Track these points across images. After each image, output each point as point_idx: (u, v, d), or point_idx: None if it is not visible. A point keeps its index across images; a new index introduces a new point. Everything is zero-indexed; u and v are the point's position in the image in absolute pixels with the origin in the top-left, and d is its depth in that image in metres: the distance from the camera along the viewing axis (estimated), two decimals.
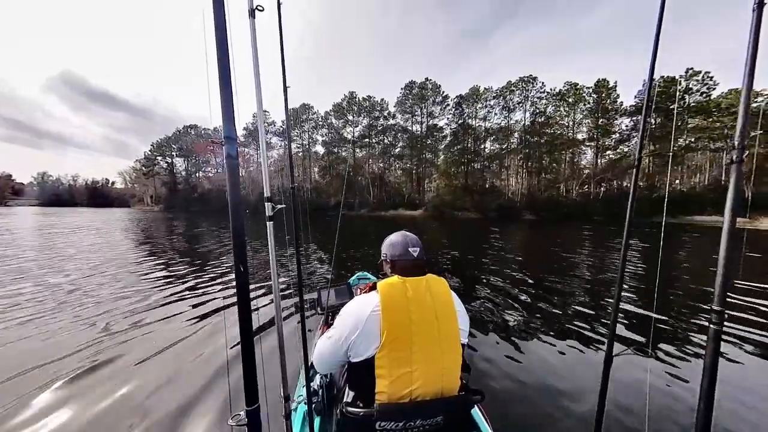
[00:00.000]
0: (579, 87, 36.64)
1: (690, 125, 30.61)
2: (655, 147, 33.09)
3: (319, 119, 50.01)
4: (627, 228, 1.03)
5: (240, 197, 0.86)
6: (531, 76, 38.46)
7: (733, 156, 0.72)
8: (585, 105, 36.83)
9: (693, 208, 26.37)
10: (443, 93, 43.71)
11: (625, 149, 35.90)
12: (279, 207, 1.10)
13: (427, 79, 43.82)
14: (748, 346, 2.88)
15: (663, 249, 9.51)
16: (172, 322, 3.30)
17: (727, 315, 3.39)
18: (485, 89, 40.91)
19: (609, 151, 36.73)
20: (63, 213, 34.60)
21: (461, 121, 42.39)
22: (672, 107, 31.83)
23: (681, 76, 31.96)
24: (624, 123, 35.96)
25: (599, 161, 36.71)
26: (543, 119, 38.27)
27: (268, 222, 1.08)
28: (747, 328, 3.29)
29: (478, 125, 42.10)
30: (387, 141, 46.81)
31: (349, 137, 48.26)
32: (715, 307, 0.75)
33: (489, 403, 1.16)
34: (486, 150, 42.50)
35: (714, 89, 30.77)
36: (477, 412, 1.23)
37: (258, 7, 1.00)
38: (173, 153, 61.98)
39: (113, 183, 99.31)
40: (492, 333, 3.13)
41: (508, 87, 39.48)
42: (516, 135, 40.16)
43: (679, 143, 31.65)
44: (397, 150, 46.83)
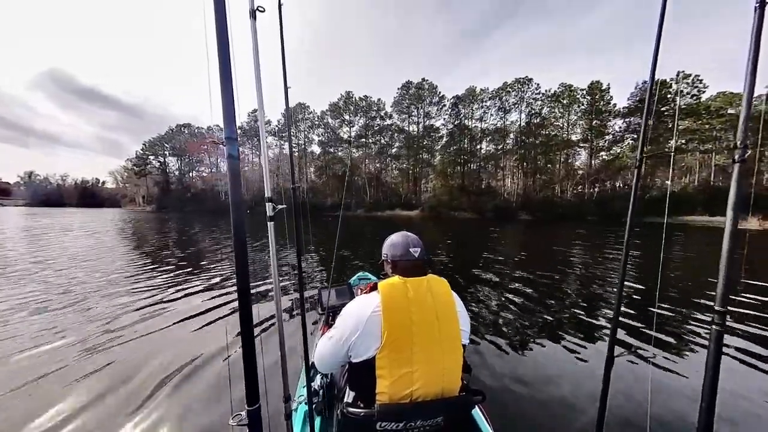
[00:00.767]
0: (573, 89, 37.12)
1: (681, 127, 31.19)
2: (649, 148, 33.44)
3: (316, 119, 49.71)
4: (628, 228, 1.01)
5: (241, 197, 0.86)
6: (526, 77, 38.85)
7: (735, 156, 0.72)
8: (579, 106, 37.34)
9: (684, 208, 26.90)
10: (440, 93, 43.88)
11: (618, 150, 36.51)
12: (280, 207, 1.09)
13: (424, 80, 43.92)
14: (750, 346, 2.89)
15: (657, 248, 9.63)
16: (173, 322, 3.30)
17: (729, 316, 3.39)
18: (481, 90, 41.19)
19: (602, 152, 37.28)
20: (50, 213, 33.71)
21: (458, 122, 42.59)
22: (664, 109, 32.48)
23: (672, 78, 32.61)
24: (617, 124, 36.59)
25: (593, 162, 37.22)
26: (538, 120, 38.68)
27: (268, 222, 1.07)
28: (749, 327, 3.30)
29: (474, 126, 42.35)
30: (384, 141, 46.75)
31: (346, 137, 48.11)
32: (717, 308, 0.74)
33: (490, 404, 1.16)
34: (482, 150, 42.77)
35: (704, 92, 31.49)
36: (478, 412, 1.23)
37: (259, 8, 1.00)
38: (166, 152, 60.96)
39: (104, 183, 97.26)
40: (493, 333, 3.12)
41: (504, 88, 39.80)
42: (512, 136, 40.51)
43: (670, 145, 32.28)
44: (394, 150, 46.81)
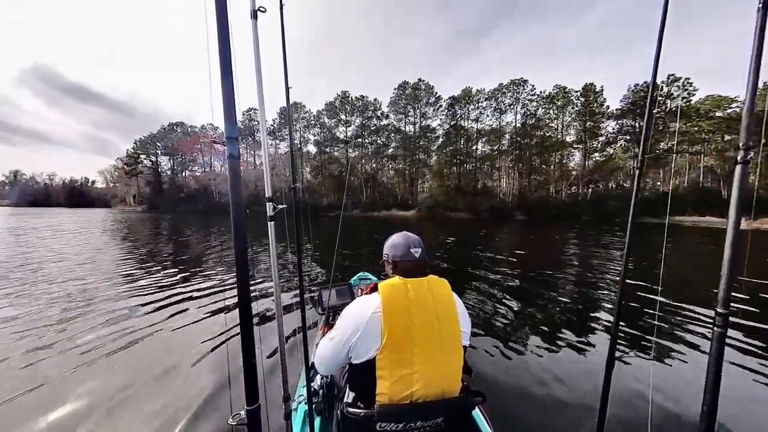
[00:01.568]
0: (567, 90, 37.58)
1: (672, 129, 31.82)
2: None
3: (312, 118, 49.33)
4: (630, 229, 1.01)
5: (241, 197, 0.85)
6: (522, 78, 39.17)
7: (738, 156, 0.71)
8: (573, 108, 37.81)
9: (674, 208, 27.42)
10: (436, 94, 43.95)
11: (611, 151, 37.11)
12: (280, 207, 1.09)
13: (420, 80, 43.94)
14: (753, 347, 2.89)
15: (652, 248, 9.73)
16: (173, 322, 3.30)
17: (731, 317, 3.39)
18: (477, 91, 41.40)
19: (596, 153, 37.82)
20: (36, 214, 32.68)
21: (454, 122, 42.73)
22: (655, 111, 33.08)
23: (663, 81, 33.26)
24: (610, 126, 37.17)
25: (587, 163, 37.73)
26: (533, 121, 39.04)
27: (269, 222, 1.07)
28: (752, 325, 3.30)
29: (470, 126, 42.54)
30: (380, 141, 46.64)
31: (342, 137, 47.85)
32: (719, 309, 0.74)
33: (490, 405, 1.17)
34: (478, 151, 42.99)
35: (693, 95, 32.20)
36: (478, 413, 1.23)
37: (260, 8, 1.00)
38: (158, 151, 59.76)
39: (93, 182, 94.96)
40: (493, 334, 3.11)
41: (499, 89, 40.07)
42: (507, 136, 40.82)
43: (662, 146, 32.94)
44: (390, 150, 46.75)
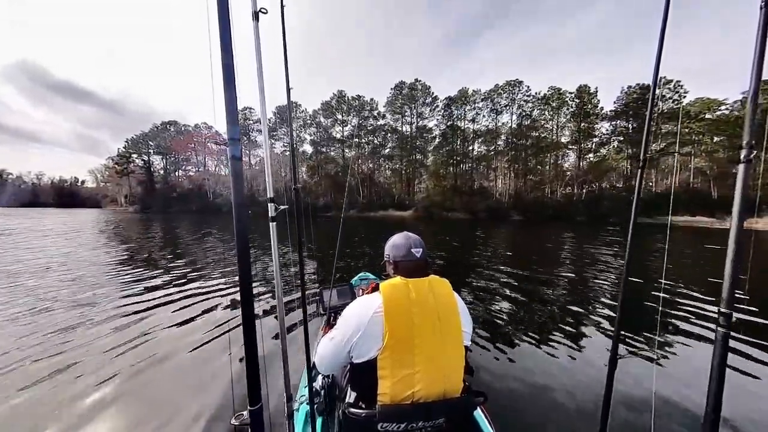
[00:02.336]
0: (562, 92, 38.00)
1: (663, 131, 32.38)
2: (634, 151, 34.85)
3: (308, 118, 48.88)
4: (631, 229, 1.01)
5: (244, 198, 0.85)
6: (517, 79, 39.52)
7: (741, 155, 0.71)
8: (568, 109, 38.25)
9: (667, 208, 27.88)
10: (433, 94, 44.02)
11: (605, 152, 37.65)
12: (282, 208, 1.09)
13: (417, 80, 43.97)
14: (757, 347, 2.84)
15: (647, 247, 9.76)
16: (175, 323, 3.28)
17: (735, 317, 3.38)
18: (474, 91, 41.58)
19: (590, 154, 38.30)
20: (13, 214, 31.59)
21: (450, 123, 42.84)
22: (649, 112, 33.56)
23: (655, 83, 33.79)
24: (604, 127, 37.69)
25: (581, 163, 38.18)
26: (529, 122, 39.38)
27: (270, 223, 1.07)
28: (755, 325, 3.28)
29: (466, 127, 42.70)
30: (377, 141, 46.48)
31: (338, 136, 47.53)
32: (723, 309, 0.74)
33: (492, 405, 1.14)
34: (474, 151, 43.17)
35: (684, 97, 32.83)
36: (480, 414, 1.23)
37: (262, 10, 1.01)
38: (150, 150, 58.52)
39: (83, 182, 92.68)
40: (495, 334, 3.10)
41: (495, 90, 40.34)
42: (503, 137, 41.10)
43: (653, 147, 33.49)
44: (387, 150, 46.64)
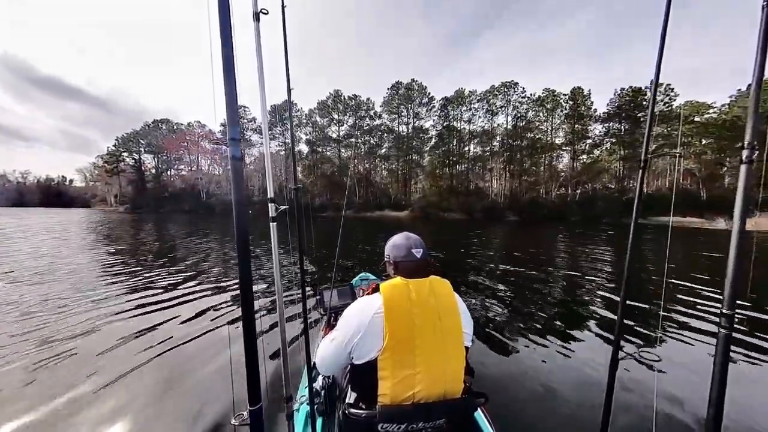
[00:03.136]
0: (556, 93, 38.47)
1: (654, 133, 33.04)
2: (626, 152, 35.50)
3: (303, 117, 48.56)
4: (633, 230, 1.00)
5: (244, 197, 0.85)
6: (512, 81, 39.86)
7: (743, 156, 0.71)
8: (562, 111, 38.76)
9: (659, 209, 28.41)
10: (429, 94, 44.13)
11: (597, 153, 38.27)
12: (282, 208, 1.09)
13: (413, 80, 44.02)
14: (761, 349, 2.86)
15: (641, 247, 9.93)
16: (175, 323, 3.29)
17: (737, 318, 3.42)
18: (470, 92, 41.82)
19: (584, 155, 38.87)
20: (7, 214, 30.70)
21: (446, 123, 43.01)
22: (639, 115, 34.43)
23: (646, 87, 34.54)
24: (597, 129, 38.29)
25: (575, 165, 38.72)
26: (524, 123, 39.77)
27: (271, 223, 1.08)
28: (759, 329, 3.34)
29: (462, 127, 42.92)
30: (373, 141, 46.41)
31: (334, 136, 47.33)
32: (725, 311, 0.74)
33: (492, 406, 1.15)
34: (470, 152, 43.41)
35: (675, 100, 33.55)
36: (480, 415, 1.23)
37: (262, 11, 1.01)
38: (141, 149, 57.44)
39: (71, 181, 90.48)
40: (495, 335, 3.09)
41: (491, 91, 40.63)
42: (498, 138, 41.43)
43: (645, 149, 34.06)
44: (383, 150, 46.60)
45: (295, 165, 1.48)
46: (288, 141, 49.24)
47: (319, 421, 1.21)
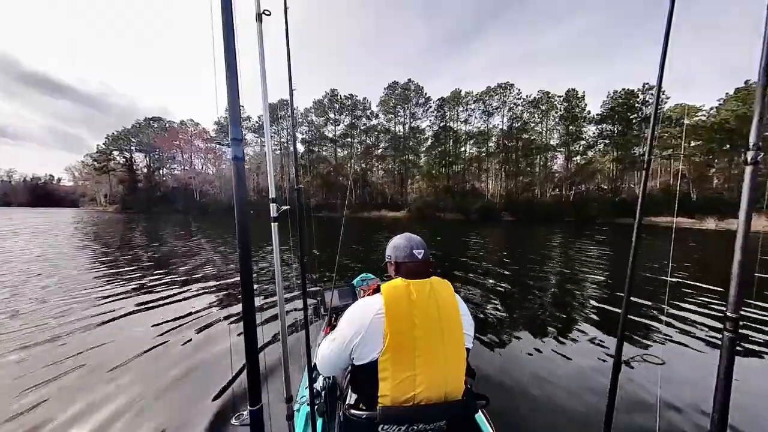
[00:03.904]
0: (551, 95, 38.92)
1: (646, 135, 33.62)
2: (619, 153, 36.10)
3: (299, 116, 48.15)
4: (636, 231, 0.99)
5: (245, 198, 0.85)
6: (508, 82, 40.18)
7: (748, 157, 0.70)
8: (556, 112, 39.22)
9: (651, 210, 28.96)
10: (426, 95, 44.20)
11: (591, 154, 38.86)
12: (284, 208, 1.09)
13: (410, 80, 44.05)
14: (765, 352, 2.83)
15: (636, 248, 10.00)
16: (176, 323, 3.27)
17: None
18: (466, 93, 42.03)
19: (578, 157, 39.41)
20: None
21: (443, 124, 43.16)
22: (632, 117, 35.10)
23: (639, 89, 35.22)
24: (591, 130, 38.84)
25: (570, 165, 39.22)
26: (519, 124, 40.12)
27: (272, 223, 1.08)
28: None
29: (458, 128, 43.11)
30: (369, 141, 46.29)
31: (330, 136, 47.07)
32: (730, 314, 0.72)
33: (493, 407, 1.16)
34: (466, 153, 43.63)
35: (666, 102, 34.23)
36: (481, 417, 1.23)
37: (265, 12, 1.01)
38: (132, 147, 56.23)
39: (59, 180, 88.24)
40: (497, 337, 3.07)
41: (487, 92, 40.89)
42: (494, 139, 41.74)
43: (636, 150, 34.80)
44: (380, 150, 46.52)
45: (297, 166, 1.48)
46: (284, 140, 49.04)
47: (320, 422, 1.20)
